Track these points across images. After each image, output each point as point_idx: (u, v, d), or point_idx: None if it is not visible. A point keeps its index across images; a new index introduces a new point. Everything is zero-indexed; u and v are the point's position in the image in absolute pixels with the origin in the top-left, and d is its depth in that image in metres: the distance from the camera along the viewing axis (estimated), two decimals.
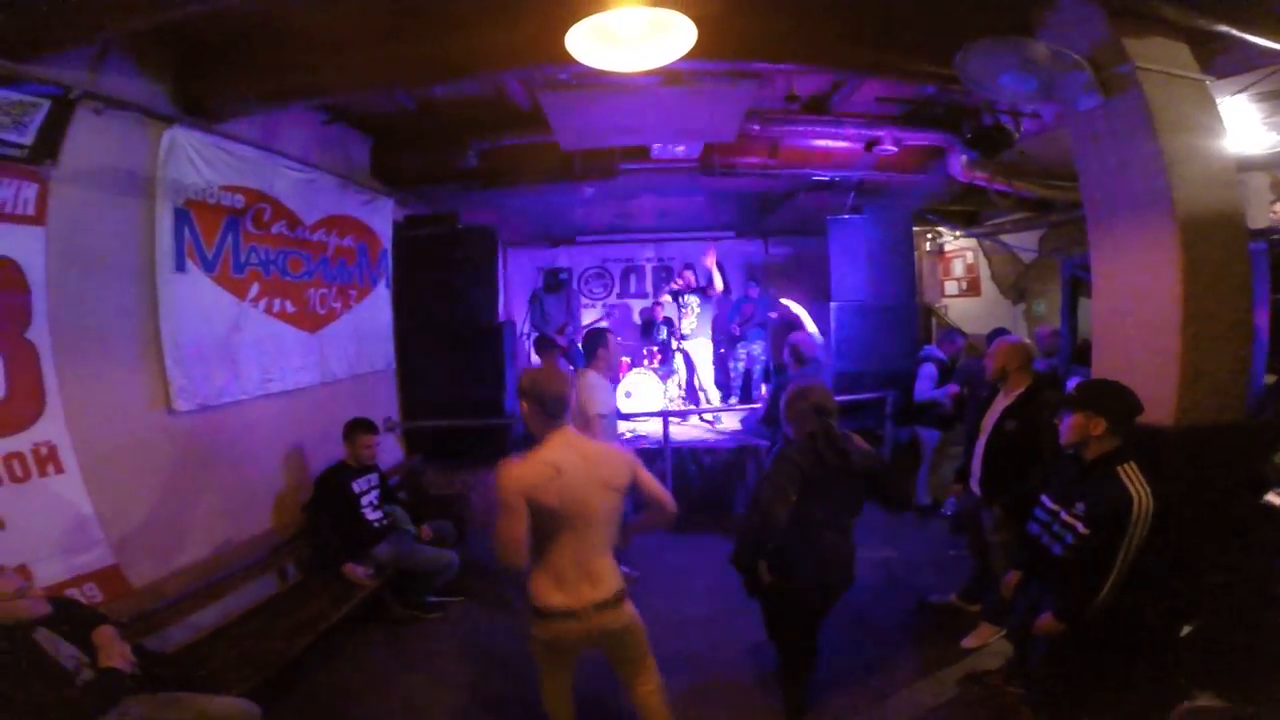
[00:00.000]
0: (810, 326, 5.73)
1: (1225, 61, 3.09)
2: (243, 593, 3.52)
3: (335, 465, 4.05)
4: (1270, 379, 3.40)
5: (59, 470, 2.72)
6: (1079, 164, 3.17)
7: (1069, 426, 2.47)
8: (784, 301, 6.66)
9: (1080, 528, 2.37)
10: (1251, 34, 2.73)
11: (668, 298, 7.39)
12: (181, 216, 3.43)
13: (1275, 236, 3.65)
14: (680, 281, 7.29)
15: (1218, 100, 3.06)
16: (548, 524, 2.06)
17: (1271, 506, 3.57)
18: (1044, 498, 2.62)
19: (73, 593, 2.65)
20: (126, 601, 2.84)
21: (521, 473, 2.03)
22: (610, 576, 2.17)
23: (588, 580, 2.11)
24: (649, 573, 4.30)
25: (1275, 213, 4.50)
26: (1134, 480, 2.29)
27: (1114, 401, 2.43)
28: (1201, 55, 2.91)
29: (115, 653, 2.21)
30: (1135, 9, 2.71)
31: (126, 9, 2.46)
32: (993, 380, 3.41)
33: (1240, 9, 2.65)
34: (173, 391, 3.33)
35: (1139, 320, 2.93)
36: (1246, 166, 4.61)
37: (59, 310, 2.79)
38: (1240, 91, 3.54)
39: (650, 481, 2.29)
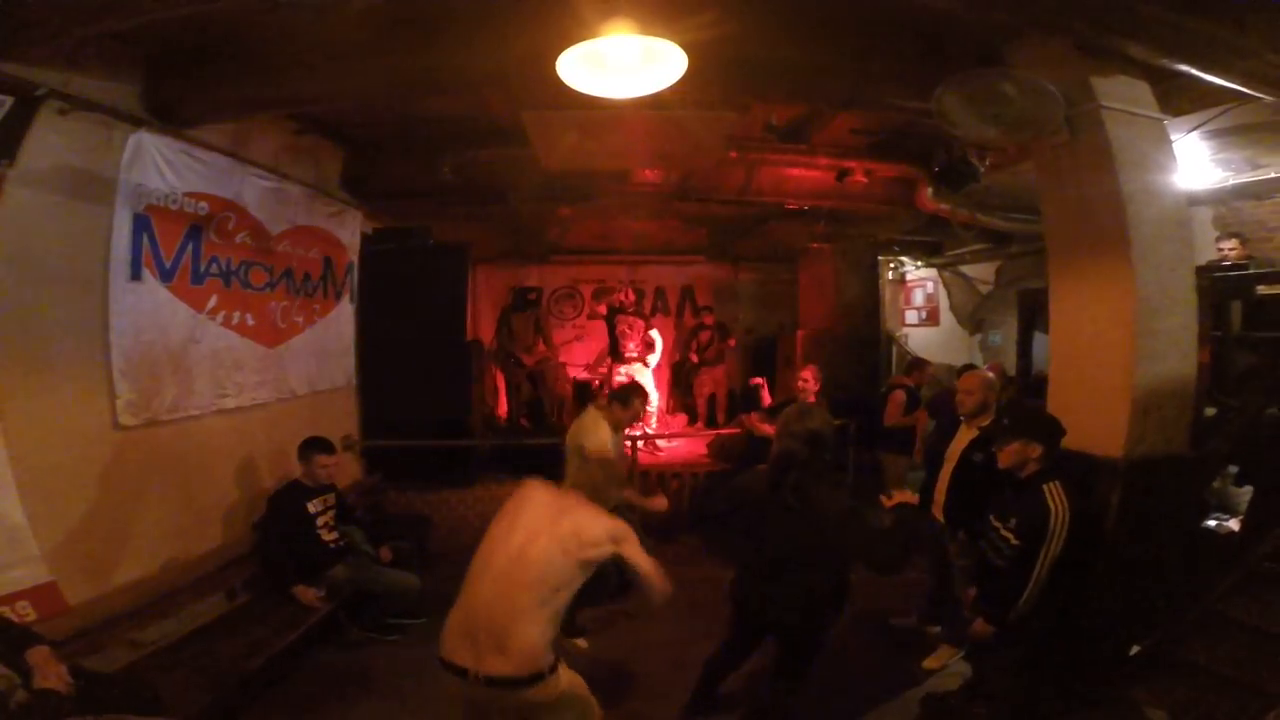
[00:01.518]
0: None
1: (1181, 100, 3.22)
2: (189, 612, 3.37)
3: (289, 484, 3.90)
4: (1211, 412, 3.58)
5: None
6: (1042, 200, 3.31)
7: (1009, 452, 2.71)
8: None
9: (1012, 540, 2.64)
10: (1211, 74, 2.84)
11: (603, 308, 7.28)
12: (141, 223, 3.28)
13: (1216, 274, 3.89)
14: (619, 299, 7.27)
15: (1173, 137, 3.22)
16: (486, 553, 1.94)
17: (1211, 531, 3.78)
18: (990, 516, 2.83)
19: (4, 611, 2.49)
20: (64, 620, 2.71)
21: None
22: (527, 652, 1.86)
23: (494, 645, 1.84)
24: None
25: (1220, 249, 4.76)
26: (1055, 496, 2.56)
27: (1048, 428, 2.71)
28: (1160, 94, 3.04)
29: (51, 673, 2.09)
30: (1102, 46, 2.79)
31: (99, 11, 2.38)
32: (972, 413, 3.44)
33: (1201, 48, 2.74)
34: (119, 405, 3.17)
35: (1093, 355, 3.05)
36: (1193, 202, 4.89)
37: (3, 317, 2.64)
38: (1195, 129, 3.70)
39: (642, 561, 2.05)
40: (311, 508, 3.82)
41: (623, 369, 6.85)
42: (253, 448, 4.16)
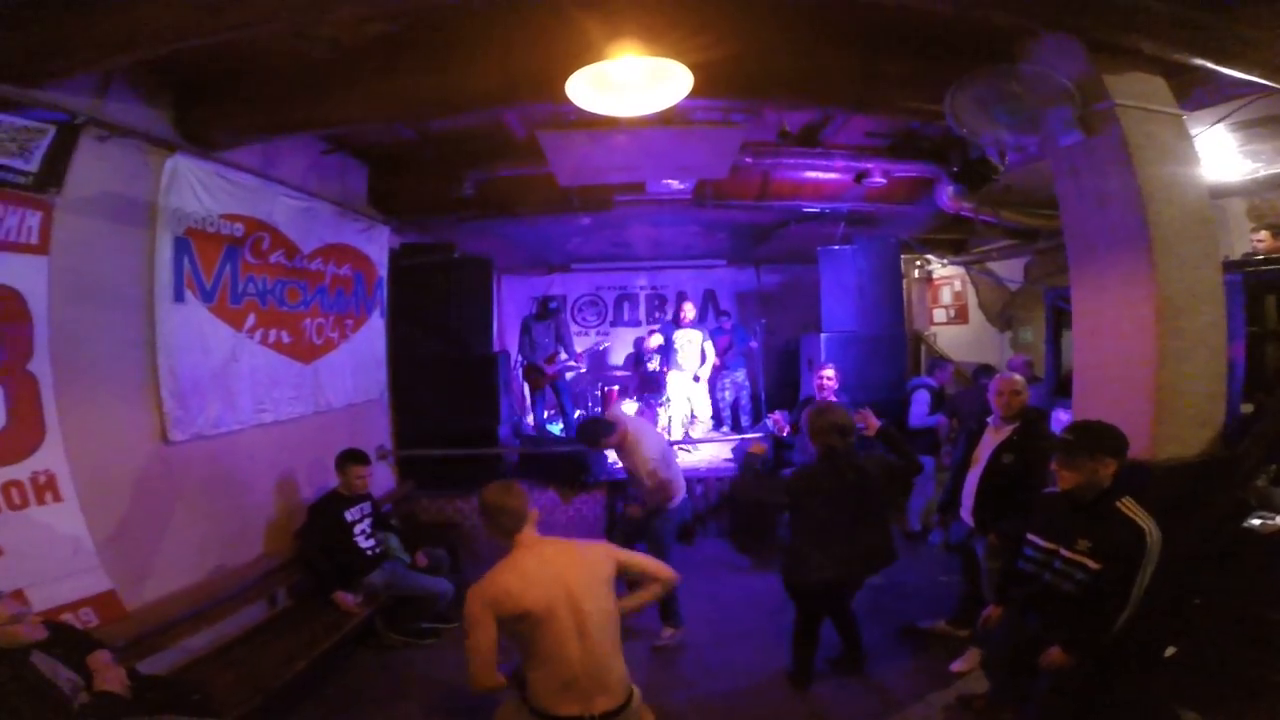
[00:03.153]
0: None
1: (1201, 93, 3.18)
2: (236, 617, 3.54)
3: (328, 494, 4.05)
4: (1247, 408, 3.48)
5: (57, 498, 2.73)
6: (1060, 199, 3.26)
7: (1078, 471, 2.45)
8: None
9: (1090, 564, 2.41)
10: (1227, 66, 2.80)
11: (658, 338, 7.39)
12: (181, 245, 3.45)
13: (1249, 269, 3.78)
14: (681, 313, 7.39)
15: (1196, 131, 3.14)
16: (548, 632, 1.99)
17: (1253, 531, 3.65)
18: (1033, 537, 2.65)
19: (69, 617, 2.65)
20: (122, 625, 2.85)
21: (483, 587, 2.01)
22: (623, 679, 2.08)
23: (600, 687, 2.01)
24: None
25: (1253, 240, 4.62)
26: (1138, 514, 2.37)
27: (1117, 441, 2.48)
28: (1178, 88, 2.99)
29: (110, 676, 2.23)
30: (1114, 44, 2.77)
31: (126, 42, 2.51)
32: (1011, 418, 3.38)
33: (1216, 42, 2.72)
34: (168, 423, 3.35)
35: (1117, 355, 2.99)
36: (1224, 194, 4.76)
37: (60, 341, 2.81)
38: (1218, 122, 3.64)
39: (638, 561, 2.29)
40: (349, 516, 3.96)
41: (672, 375, 7.06)
42: (293, 460, 4.33)
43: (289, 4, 2.32)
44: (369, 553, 3.97)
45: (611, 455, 4.64)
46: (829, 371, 5.04)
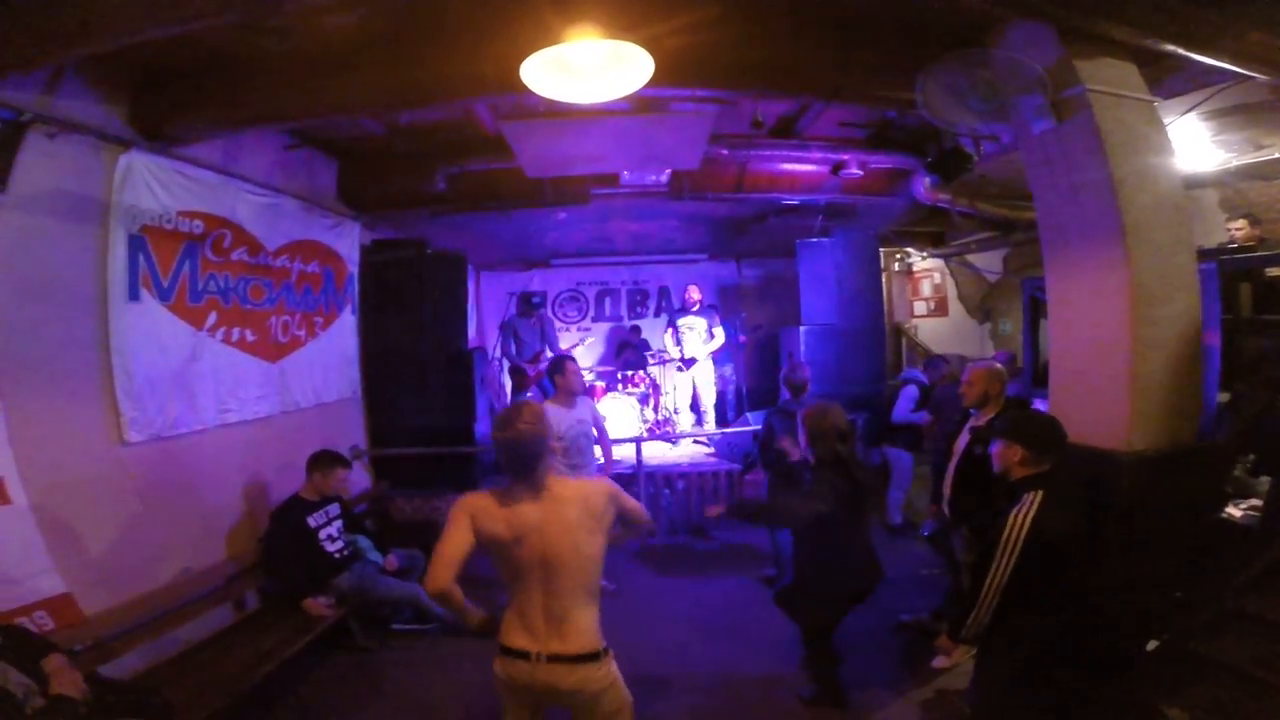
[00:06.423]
0: None
1: (1174, 81, 3.15)
2: (201, 621, 3.45)
3: (289, 501, 3.92)
4: (1224, 397, 3.47)
5: (5, 501, 2.65)
6: (1033, 188, 3.23)
7: (995, 454, 2.51)
8: None
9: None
10: (1199, 53, 2.78)
11: (668, 335, 7.29)
12: (136, 243, 3.35)
13: (1224, 257, 3.77)
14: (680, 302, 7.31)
15: (1168, 120, 3.11)
16: (512, 564, 1.98)
17: (1231, 521, 3.65)
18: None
19: (24, 621, 2.57)
20: (80, 629, 2.79)
21: (474, 496, 2.02)
22: (583, 634, 2.00)
23: (555, 632, 1.97)
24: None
25: (1230, 229, 4.63)
26: (1024, 509, 2.26)
27: (1034, 430, 2.46)
28: (1150, 75, 2.96)
29: (66, 680, 2.18)
30: (1085, 30, 2.73)
31: (76, 36, 2.39)
32: (974, 406, 3.38)
33: (1186, 28, 2.69)
34: (124, 424, 3.25)
35: (1091, 345, 2.96)
36: (1197, 184, 4.77)
37: (6, 341, 2.72)
38: (1189, 110, 3.61)
39: (632, 506, 2.23)
40: (312, 522, 3.85)
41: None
42: (260, 461, 4.22)
43: None
44: (336, 556, 3.88)
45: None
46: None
